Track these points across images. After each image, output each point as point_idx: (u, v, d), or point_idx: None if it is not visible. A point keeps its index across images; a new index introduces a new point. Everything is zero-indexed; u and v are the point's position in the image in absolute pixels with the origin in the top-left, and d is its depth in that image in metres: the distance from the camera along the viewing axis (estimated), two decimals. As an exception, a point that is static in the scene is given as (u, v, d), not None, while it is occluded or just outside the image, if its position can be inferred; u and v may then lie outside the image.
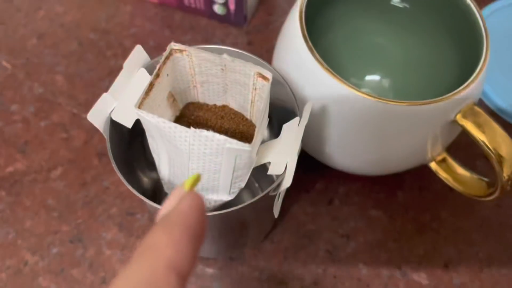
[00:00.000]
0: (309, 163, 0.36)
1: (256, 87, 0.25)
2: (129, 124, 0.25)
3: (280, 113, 0.28)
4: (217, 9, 0.42)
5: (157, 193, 0.32)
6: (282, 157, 0.24)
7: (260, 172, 0.34)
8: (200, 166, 0.23)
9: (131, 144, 0.28)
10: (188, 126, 0.27)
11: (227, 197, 0.26)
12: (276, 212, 0.25)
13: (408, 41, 0.36)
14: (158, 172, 0.27)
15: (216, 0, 0.41)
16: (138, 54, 0.26)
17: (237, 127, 0.27)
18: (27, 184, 0.36)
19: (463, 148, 0.35)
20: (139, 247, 0.15)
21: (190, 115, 0.28)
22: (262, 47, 0.42)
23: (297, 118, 0.25)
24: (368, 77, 0.39)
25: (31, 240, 0.34)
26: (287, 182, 0.22)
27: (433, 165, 0.32)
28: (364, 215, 0.35)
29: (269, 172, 0.24)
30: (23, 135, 0.38)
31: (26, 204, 0.35)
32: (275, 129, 0.31)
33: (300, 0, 0.29)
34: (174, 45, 0.24)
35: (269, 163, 0.25)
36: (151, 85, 0.23)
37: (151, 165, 0.28)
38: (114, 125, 0.25)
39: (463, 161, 0.32)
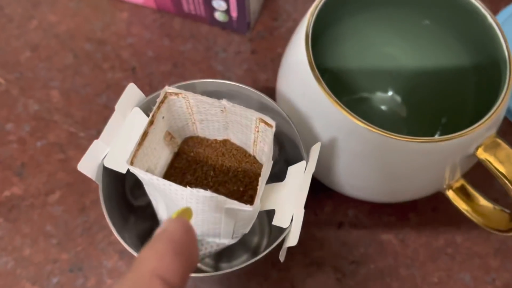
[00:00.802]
0: (317, 184, 0.34)
1: (259, 129, 0.23)
2: (123, 170, 0.23)
3: (288, 141, 0.27)
4: (219, 16, 0.39)
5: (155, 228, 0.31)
6: (287, 206, 0.22)
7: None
8: (198, 220, 0.22)
9: (129, 179, 0.26)
10: (187, 164, 0.25)
11: (229, 241, 0.25)
12: (282, 258, 0.24)
13: (422, 53, 0.34)
14: (156, 214, 0.26)
15: (217, 8, 0.39)
16: (131, 93, 0.24)
17: (239, 165, 0.25)
18: (24, 210, 0.35)
19: (481, 168, 0.33)
20: (130, 266, 0.16)
21: (189, 151, 0.26)
22: (267, 56, 0.40)
23: (303, 163, 0.23)
24: (379, 90, 0.36)
25: (31, 269, 0.33)
26: (293, 240, 0.21)
27: (450, 194, 0.30)
28: (375, 240, 0.34)
29: (273, 223, 0.22)
30: (19, 157, 0.36)
31: (24, 231, 0.34)
32: (284, 152, 0.29)
33: (305, 22, 0.27)
34: (168, 89, 0.22)
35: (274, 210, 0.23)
36: (144, 134, 0.21)
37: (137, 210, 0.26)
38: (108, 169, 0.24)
39: (480, 183, 0.30)
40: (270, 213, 0.34)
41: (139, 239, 0.27)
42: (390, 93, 0.36)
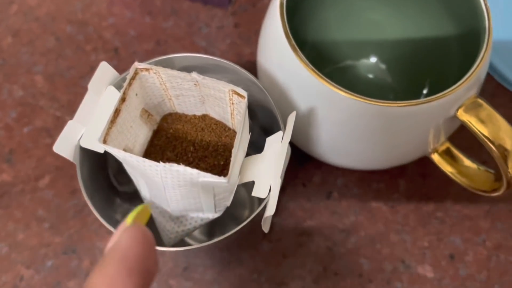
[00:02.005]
0: (304, 156, 0.34)
1: (233, 101, 0.22)
2: (101, 149, 0.23)
3: (265, 111, 0.26)
4: (199, -10, 0.39)
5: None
6: (266, 178, 0.22)
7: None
8: (177, 194, 0.22)
9: (109, 159, 0.27)
10: (167, 141, 0.25)
11: (213, 215, 0.25)
12: (265, 228, 0.24)
13: (405, 19, 0.33)
14: (139, 192, 0.26)
15: (196, -18, 0.38)
16: (104, 71, 0.23)
17: (219, 139, 0.25)
18: (15, 196, 0.35)
19: (466, 132, 0.33)
20: None
21: (168, 128, 0.26)
22: (250, 29, 0.40)
23: (280, 133, 0.23)
24: (364, 58, 0.36)
25: (25, 253, 0.33)
26: (270, 209, 0.21)
27: (435, 158, 0.30)
28: (365, 208, 0.34)
29: (253, 194, 0.22)
30: (6, 144, 0.36)
31: (17, 216, 0.34)
32: (260, 123, 0.28)
33: (280, -10, 0.26)
34: (138, 65, 0.22)
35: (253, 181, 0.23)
36: (116, 112, 0.21)
37: (121, 194, 0.26)
38: (84, 149, 0.24)
39: (466, 147, 0.30)
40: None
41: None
42: (374, 60, 0.36)
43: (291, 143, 0.23)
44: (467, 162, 0.29)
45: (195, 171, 0.19)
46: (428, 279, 0.32)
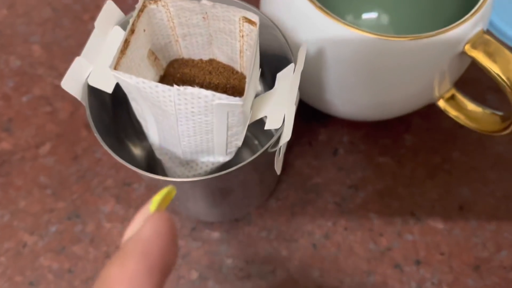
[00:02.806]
0: (309, 114, 0.34)
1: (243, 34, 0.22)
2: (109, 89, 0.22)
3: (272, 61, 0.26)
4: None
5: (151, 161, 0.30)
6: (279, 110, 0.22)
7: (258, 128, 0.32)
8: (190, 128, 0.21)
9: (115, 111, 0.26)
10: (174, 85, 0.25)
11: (224, 158, 0.25)
12: (278, 169, 0.24)
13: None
14: (148, 138, 0.25)
15: None
16: (110, 11, 0.23)
17: (227, 82, 0.25)
18: (16, 164, 0.34)
19: (471, 82, 0.33)
20: (95, 283, 0.14)
21: (175, 73, 0.25)
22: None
23: (291, 65, 0.23)
24: (365, 14, 0.36)
25: (28, 220, 0.33)
26: (286, 135, 0.20)
27: (441, 104, 0.30)
28: (372, 163, 0.34)
29: (266, 127, 0.22)
30: (5, 113, 0.36)
31: (17, 184, 0.34)
32: (268, 80, 0.28)
33: None
34: (147, -5, 0.21)
35: (266, 117, 0.23)
36: (126, 42, 0.21)
37: (140, 133, 0.26)
38: (94, 92, 0.23)
39: (473, 96, 0.30)
40: (264, 146, 0.33)
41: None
42: (375, 15, 0.36)
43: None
44: (472, 106, 0.29)
45: (210, 93, 0.19)
46: (438, 230, 0.32)
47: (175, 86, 0.19)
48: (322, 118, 0.34)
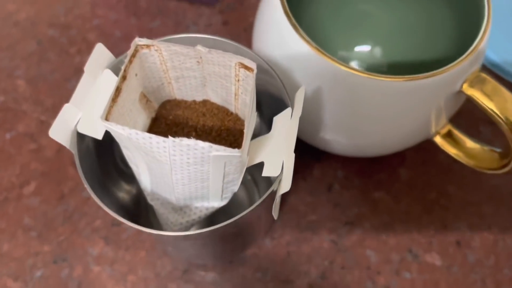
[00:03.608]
0: (303, 148, 0.33)
1: (239, 78, 0.22)
2: (99, 135, 0.22)
3: (269, 99, 0.25)
4: (186, -11, 0.38)
5: (141, 205, 0.29)
6: (276, 156, 0.21)
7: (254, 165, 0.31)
8: (185, 177, 0.21)
9: (101, 154, 0.25)
10: (167, 128, 0.24)
11: (219, 203, 0.24)
12: (275, 214, 0.23)
13: (398, 6, 0.33)
14: (139, 183, 0.24)
15: (183, -20, 0.37)
16: (100, 54, 0.22)
17: (222, 124, 0.24)
18: (-1, 205, 0.33)
19: (464, 114, 0.33)
20: None
21: (167, 115, 0.25)
22: (239, 26, 0.39)
23: (288, 109, 0.22)
24: (358, 48, 0.36)
25: (11, 265, 0.31)
26: (286, 186, 0.20)
27: (438, 140, 0.29)
28: (367, 199, 0.33)
29: (263, 174, 0.21)
30: (-12, 151, 0.34)
31: (1, 226, 0.32)
32: (265, 117, 0.28)
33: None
34: (139, 41, 0.21)
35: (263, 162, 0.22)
36: (117, 90, 0.20)
37: (129, 177, 0.25)
38: (82, 137, 0.22)
39: (466, 129, 0.30)
40: (259, 184, 0.33)
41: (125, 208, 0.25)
42: (368, 49, 0.35)
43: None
44: (470, 143, 0.29)
45: (207, 144, 0.18)
46: (437, 267, 0.31)
47: (171, 138, 0.18)
48: (316, 153, 0.34)
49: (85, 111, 0.21)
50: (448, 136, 0.29)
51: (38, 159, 0.34)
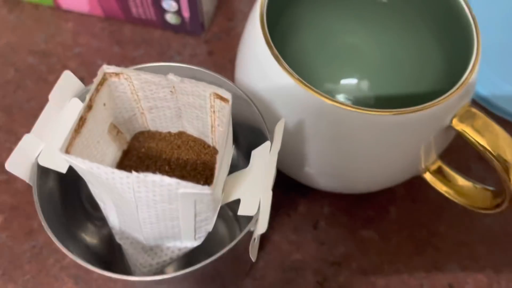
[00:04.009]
0: (287, 183, 0.32)
1: (215, 109, 0.20)
2: (62, 169, 0.20)
3: (248, 131, 0.24)
4: (170, 18, 0.37)
5: (112, 244, 0.27)
6: (253, 193, 0.20)
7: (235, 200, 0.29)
8: (152, 215, 0.19)
9: (70, 194, 0.23)
10: (139, 161, 0.23)
11: (192, 244, 0.22)
12: (253, 256, 0.21)
13: (385, 39, 0.33)
14: (107, 220, 0.23)
15: (167, 9, 0.37)
16: (68, 81, 0.21)
17: (198, 157, 0.23)
18: (-38, 240, 0.31)
19: (454, 150, 0.31)
20: None
21: (140, 147, 0.23)
22: (225, 56, 0.38)
23: (267, 143, 0.21)
24: (345, 81, 0.35)
25: (-29, 306, 0.29)
26: (262, 227, 0.18)
27: (428, 177, 0.28)
28: (355, 237, 0.31)
29: (239, 213, 0.19)
30: (-45, 182, 0.33)
31: (-38, 263, 0.30)
32: (243, 149, 0.26)
33: (259, 1, 0.25)
34: (107, 68, 0.20)
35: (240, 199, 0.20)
36: (82, 120, 0.18)
37: (96, 219, 0.23)
38: (47, 173, 0.21)
39: (456, 165, 0.29)
40: (240, 220, 0.31)
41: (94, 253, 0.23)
42: (355, 81, 0.34)
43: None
44: (462, 181, 0.28)
45: (174, 181, 0.16)
46: (428, 313, 0.29)
47: (134, 173, 0.17)
48: (301, 188, 0.32)
49: (48, 142, 0.20)
50: (438, 172, 0.28)
51: (8, 192, 0.32)
